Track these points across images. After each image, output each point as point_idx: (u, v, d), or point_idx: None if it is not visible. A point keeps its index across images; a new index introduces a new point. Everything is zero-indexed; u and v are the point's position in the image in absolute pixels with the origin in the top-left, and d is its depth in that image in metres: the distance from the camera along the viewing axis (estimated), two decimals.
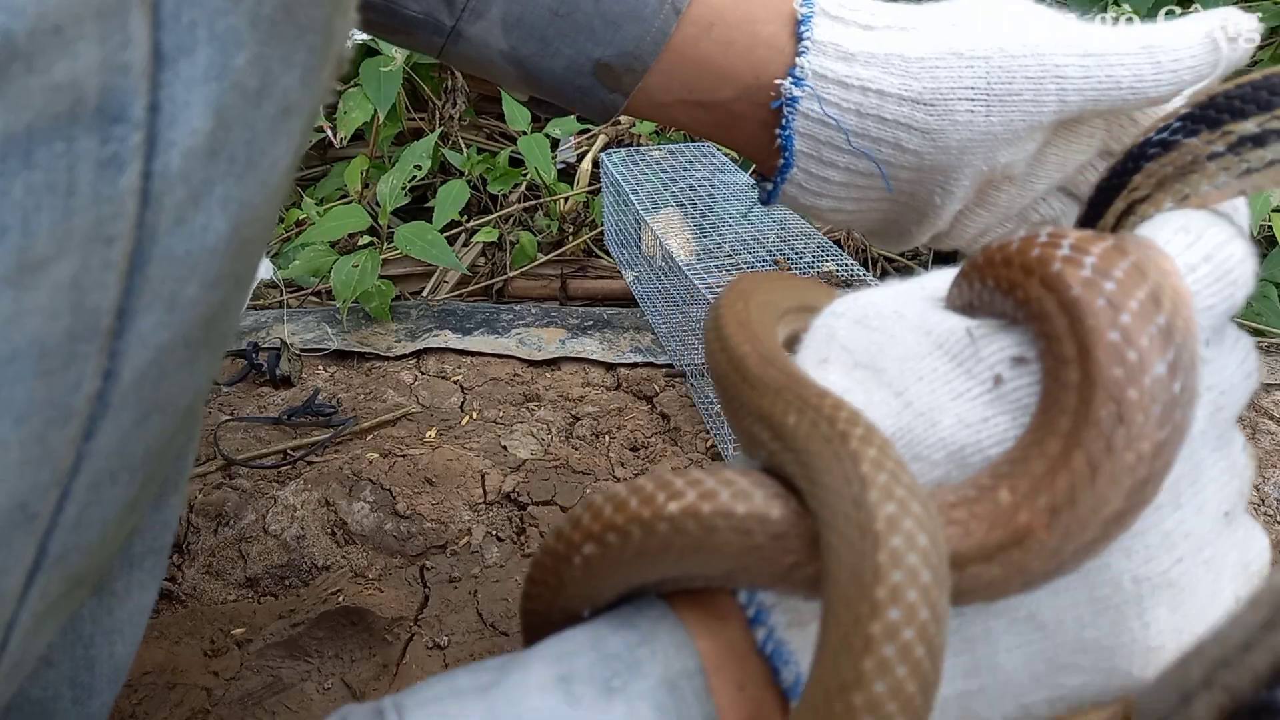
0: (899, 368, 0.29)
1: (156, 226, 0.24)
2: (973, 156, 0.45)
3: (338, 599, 0.86)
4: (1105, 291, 0.23)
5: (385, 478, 0.96)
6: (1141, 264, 0.24)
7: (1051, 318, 0.24)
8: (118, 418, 0.26)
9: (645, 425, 1.07)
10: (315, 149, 1.54)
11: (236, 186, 0.25)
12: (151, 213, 0.23)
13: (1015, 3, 0.47)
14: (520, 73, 0.50)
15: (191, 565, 0.89)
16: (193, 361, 0.28)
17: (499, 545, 0.92)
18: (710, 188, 1.28)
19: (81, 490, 0.26)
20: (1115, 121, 0.48)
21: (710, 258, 1.15)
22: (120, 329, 0.24)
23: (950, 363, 0.28)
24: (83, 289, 0.23)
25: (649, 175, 1.28)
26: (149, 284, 0.24)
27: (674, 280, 1.13)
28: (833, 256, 1.12)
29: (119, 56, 0.21)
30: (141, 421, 0.27)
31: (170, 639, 0.81)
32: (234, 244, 0.26)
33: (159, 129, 0.22)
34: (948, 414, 0.27)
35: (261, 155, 0.26)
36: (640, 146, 1.45)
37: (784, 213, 1.23)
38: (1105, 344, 0.23)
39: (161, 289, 0.25)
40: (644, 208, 1.18)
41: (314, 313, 1.28)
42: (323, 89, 0.28)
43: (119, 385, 0.25)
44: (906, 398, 0.28)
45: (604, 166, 1.31)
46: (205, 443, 1.01)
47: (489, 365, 1.20)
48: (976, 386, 0.27)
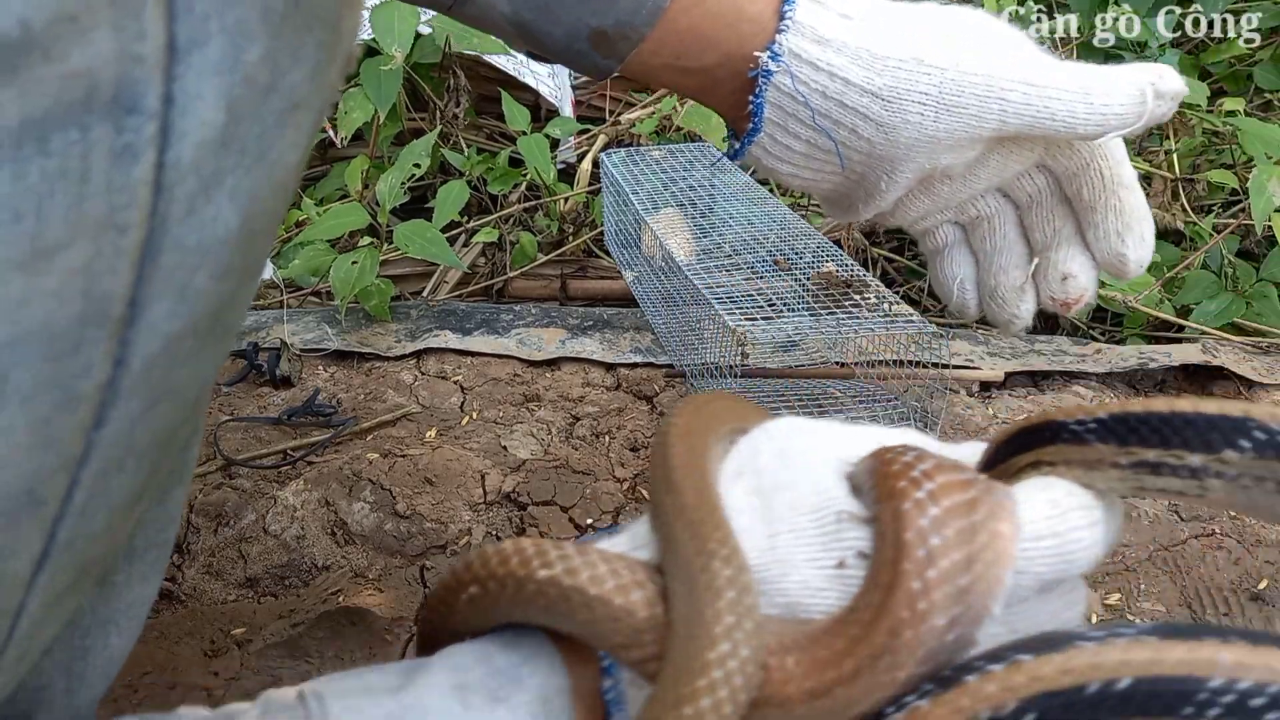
0: (783, 513, 0.33)
1: (168, 216, 0.24)
2: (918, 154, 0.49)
3: (338, 599, 0.86)
4: (929, 544, 0.29)
5: (385, 478, 0.96)
6: (974, 528, 0.29)
7: (884, 539, 0.30)
8: (127, 405, 0.26)
9: (645, 425, 1.07)
10: (315, 149, 1.54)
11: (246, 178, 0.26)
12: (164, 202, 0.24)
13: (994, 23, 0.51)
14: (521, 34, 0.53)
15: (191, 565, 0.89)
16: (201, 352, 0.28)
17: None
18: (710, 188, 1.28)
19: (90, 478, 0.27)
20: (1053, 143, 0.53)
21: (710, 258, 1.15)
22: (131, 317, 0.25)
23: (817, 531, 0.33)
24: (94, 275, 0.23)
25: (649, 175, 1.28)
26: (160, 273, 0.25)
27: (674, 280, 1.13)
28: (833, 256, 1.12)
29: (134, 47, 0.21)
30: (150, 410, 0.27)
31: (170, 639, 0.81)
32: (243, 236, 0.27)
33: (172, 120, 0.23)
34: (798, 572, 0.32)
35: (270, 148, 0.26)
36: (640, 146, 1.45)
37: (784, 213, 1.23)
38: (906, 587, 0.29)
39: (172, 278, 0.25)
40: (644, 208, 1.18)
41: (314, 313, 1.28)
42: (331, 85, 0.29)
43: (129, 373, 0.25)
44: (775, 542, 0.33)
45: (604, 166, 1.31)
46: (205, 443, 1.01)
47: (489, 365, 1.20)
48: (826, 561, 0.32)
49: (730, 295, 1.01)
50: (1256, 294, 1.29)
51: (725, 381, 0.97)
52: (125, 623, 0.43)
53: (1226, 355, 1.19)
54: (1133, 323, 1.34)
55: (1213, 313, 1.28)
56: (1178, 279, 1.32)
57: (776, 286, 1.08)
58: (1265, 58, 1.55)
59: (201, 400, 0.33)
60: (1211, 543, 0.89)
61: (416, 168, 1.28)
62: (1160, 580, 0.85)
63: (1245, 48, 1.55)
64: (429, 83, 1.51)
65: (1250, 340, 1.26)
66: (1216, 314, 1.28)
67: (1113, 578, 0.86)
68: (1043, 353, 1.23)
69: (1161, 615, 0.82)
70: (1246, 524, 0.93)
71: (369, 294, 1.21)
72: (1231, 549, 0.88)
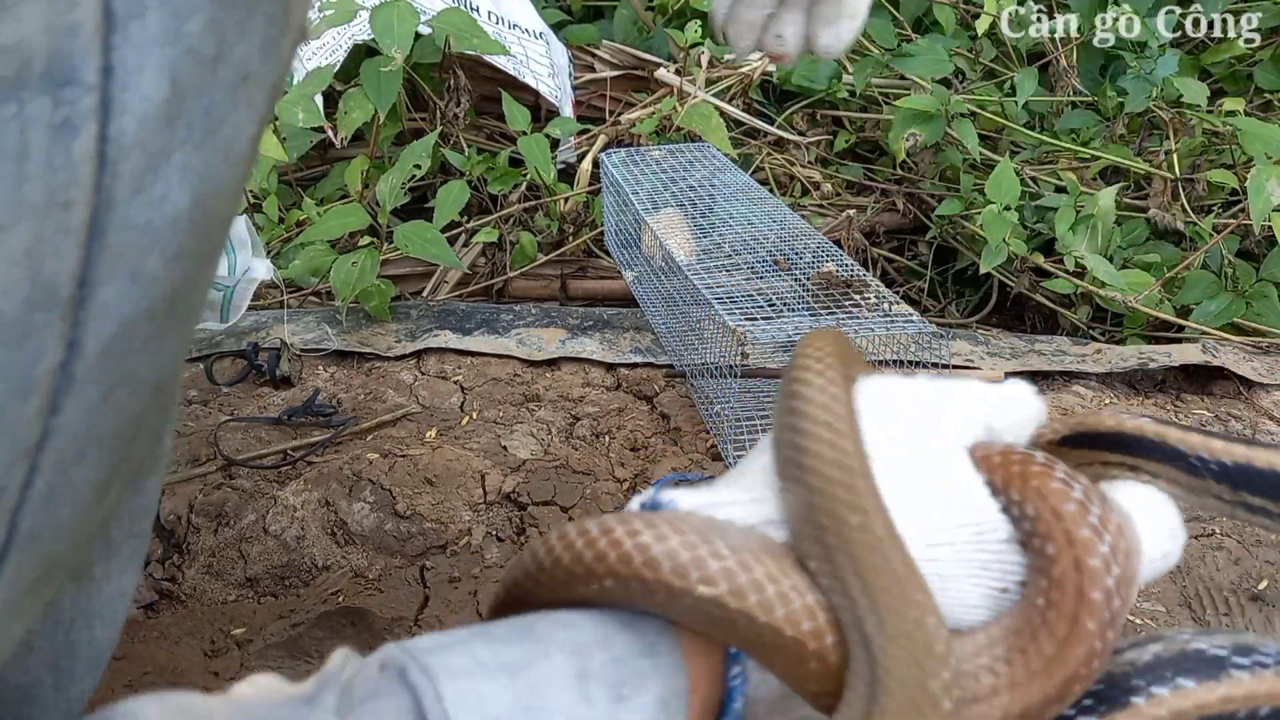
0: (938, 520, 0.33)
1: (114, 193, 0.23)
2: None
3: (338, 599, 0.86)
4: (1105, 586, 0.31)
5: (385, 478, 0.96)
6: (1129, 553, 0.32)
7: (1062, 574, 0.31)
8: (83, 391, 0.26)
9: (645, 425, 1.07)
10: (315, 149, 1.54)
11: (196, 155, 0.25)
12: (109, 178, 0.23)
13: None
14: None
15: (191, 565, 0.89)
16: (159, 338, 0.28)
17: (499, 545, 0.92)
18: (710, 188, 1.28)
19: (50, 466, 0.26)
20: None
21: (710, 258, 1.15)
22: (82, 299, 0.24)
23: (976, 549, 0.33)
24: (40, 257, 0.23)
25: (649, 175, 1.28)
26: (109, 253, 0.24)
27: (674, 280, 1.13)
28: (833, 256, 1.12)
29: (66, 18, 0.21)
30: (108, 397, 0.27)
31: (170, 639, 0.81)
32: (196, 216, 0.26)
33: (113, 93, 0.22)
34: (956, 587, 0.32)
35: (221, 123, 0.25)
36: (640, 146, 1.45)
37: (784, 212, 1.23)
38: (1098, 614, 0.31)
39: (122, 259, 0.24)
40: (644, 208, 1.18)
41: (314, 313, 1.28)
42: (284, 59, 0.28)
43: (83, 357, 0.25)
44: (935, 553, 0.32)
45: (604, 166, 1.31)
46: (205, 443, 1.01)
47: (489, 365, 1.20)
48: (988, 581, 0.32)
49: (730, 295, 1.01)
50: (1256, 294, 1.29)
51: (726, 382, 0.97)
52: (109, 615, 0.42)
53: (1226, 355, 1.19)
54: (1133, 323, 1.34)
55: (1213, 313, 1.28)
56: (1178, 279, 1.32)
57: (776, 286, 1.08)
58: (1265, 58, 1.55)
59: (167, 389, 0.32)
60: (1211, 543, 0.89)
61: (417, 168, 1.28)
62: (1160, 580, 0.85)
63: (1245, 48, 1.56)
64: (429, 83, 1.51)
65: (1250, 340, 1.26)
66: (1216, 314, 1.28)
67: None
68: (1043, 352, 1.23)
69: (1161, 615, 0.82)
70: (1246, 524, 0.93)
71: (369, 294, 1.21)
72: (1231, 549, 0.88)
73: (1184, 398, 1.17)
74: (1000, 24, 1.52)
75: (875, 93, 1.61)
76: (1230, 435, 0.35)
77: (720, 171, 1.31)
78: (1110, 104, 1.50)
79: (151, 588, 0.87)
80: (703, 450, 1.04)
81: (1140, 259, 1.36)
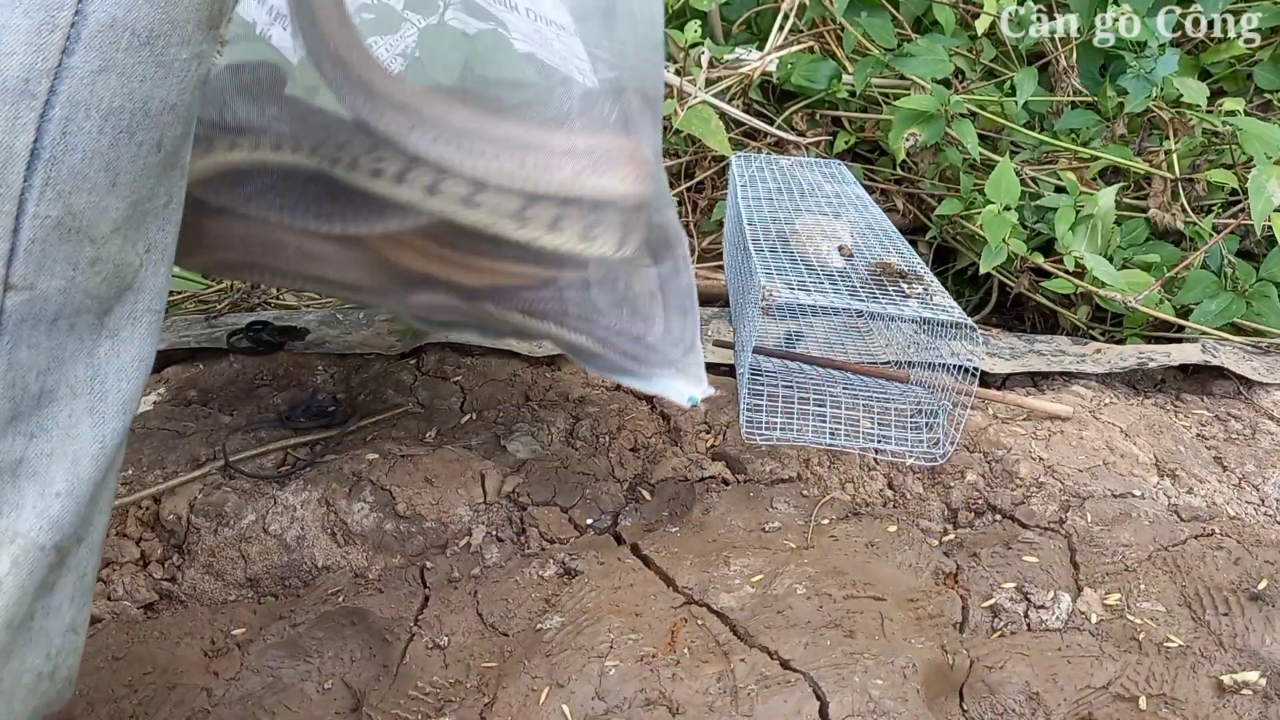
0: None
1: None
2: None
3: (338, 599, 0.86)
4: None
5: (385, 478, 0.96)
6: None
7: None
8: (86, 53, 0.38)
9: (645, 425, 1.07)
10: None
11: None
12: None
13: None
14: None
15: (191, 565, 0.89)
16: (138, 64, 0.40)
17: (499, 545, 0.92)
18: (835, 195, 1.34)
19: (62, 100, 0.39)
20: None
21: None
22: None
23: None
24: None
25: (768, 179, 1.35)
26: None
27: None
28: (902, 254, 1.13)
29: None
30: (102, 71, 0.39)
31: (170, 639, 0.81)
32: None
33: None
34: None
35: None
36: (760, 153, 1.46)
37: (882, 219, 1.25)
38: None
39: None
40: (772, 212, 1.22)
41: (314, 313, 1.28)
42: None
43: (87, 26, 0.38)
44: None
45: (733, 168, 1.38)
46: (205, 443, 1.01)
47: (489, 365, 1.20)
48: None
49: (782, 269, 1.08)
50: (1256, 294, 1.29)
51: (765, 362, 0.98)
52: (132, 371, 0.52)
53: (1226, 355, 1.19)
54: (1132, 322, 1.34)
55: (1212, 312, 1.28)
56: (1177, 279, 1.32)
57: (830, 267, 1.13)
58: (1265, 58, 1.55)
59: (169, 139, 0.44)
60: (1211, 543, 0.89)
61: None
62: (1160, 580, 0.85)
63: (1245, 48, 1.55)
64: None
65: (1250, 340, 1.26)
66: (1216, 314, 1.28)
67: (1113, 578, 0.86)
68: (1042, 353, 1.23)
69: (1161, 615, 0.82)
70: (1246, 524, 0.93)
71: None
72: (1231, 549, 0.88)
73: (1184, 397, 1.17)
74: (1000, 24, 1.52)
75: (875, 93, 1.61)
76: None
77: (841, 183, 1.38)
78: (1110, 104, 1.50)
79: (151, 588, 0.87)
80: (703, 450, 1.04)
81: (1140, 259, 1.36)
